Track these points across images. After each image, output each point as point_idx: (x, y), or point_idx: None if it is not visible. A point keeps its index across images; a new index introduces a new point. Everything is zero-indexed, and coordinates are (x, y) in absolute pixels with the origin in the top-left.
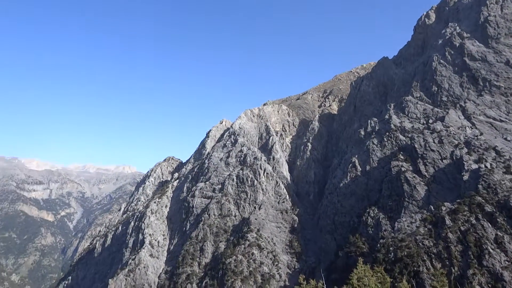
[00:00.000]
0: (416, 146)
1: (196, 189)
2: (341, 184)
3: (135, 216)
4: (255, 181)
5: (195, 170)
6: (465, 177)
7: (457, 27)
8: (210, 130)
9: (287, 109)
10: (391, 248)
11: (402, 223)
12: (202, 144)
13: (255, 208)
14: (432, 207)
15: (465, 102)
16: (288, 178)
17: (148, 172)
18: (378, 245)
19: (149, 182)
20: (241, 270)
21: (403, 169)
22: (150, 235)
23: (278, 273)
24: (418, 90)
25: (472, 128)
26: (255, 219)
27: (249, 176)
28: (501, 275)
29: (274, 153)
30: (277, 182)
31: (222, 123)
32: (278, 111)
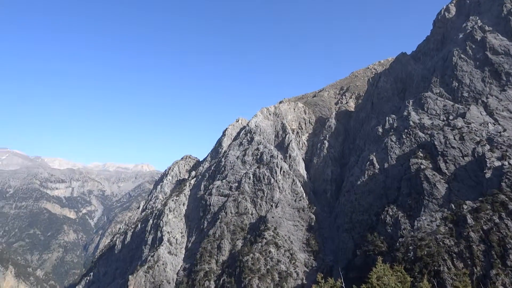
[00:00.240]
0: (436, 143)
1: (213, 187)
2: (359, 182)
3: (154, 214)
4: (272, 179)
5: (212, 169)
6: (488, 175)
7: (479, 21)
8: (227, 129)
9: (303, 107)
10: (411, 247)
11: (422, 222)
12: (219, 143)
13: (272, 206)
14: (453, 206)
15: (487, 98)
16: (305, 176)
17: (166, 171)
18: (397, 244)
19: (167, 181)
20: (258, 268)
21: (423, 167)
22: (168, 233)
23: (295, 271)
24: (438, 86)
25: (495, 124)
26: (272, 217)
27: (266, 174)
28: None
29: (291, 151)
30: (294, 180)
31: (238, 122)
32: (294, 109)
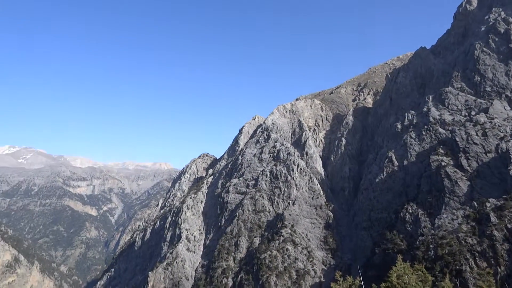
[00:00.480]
0: (458, 140)
1: (230, 185)
2: (377, 180)
3: (172, 212)
4: (289, 177)
5: (229, 166)
6: None
7: (502, 12)
8: (243, 127)
9: (320, 104)
10: (431, 246)
11: (443, 220)
12: (236, 141)
13: (289, 204)
14: (476, 203)
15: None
16: (322, 174)
17: (184, 169)
18: (417, 242)
19: (185, 178)
20: (276, 266)
21: (444, 164)
22: (187, 230)
23: (313, 269)
24: (459, 81)
25: None
26: (289, 215)
27: (283, 172)
28: None
29: (308, 149)
30: (311, 178)
31: (255, 119)
32: (311, 106)
